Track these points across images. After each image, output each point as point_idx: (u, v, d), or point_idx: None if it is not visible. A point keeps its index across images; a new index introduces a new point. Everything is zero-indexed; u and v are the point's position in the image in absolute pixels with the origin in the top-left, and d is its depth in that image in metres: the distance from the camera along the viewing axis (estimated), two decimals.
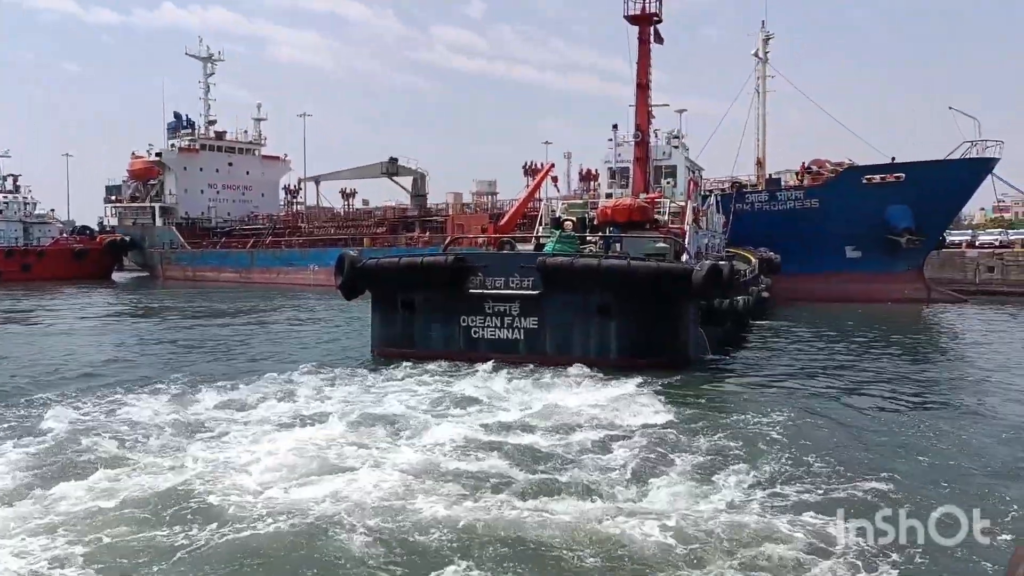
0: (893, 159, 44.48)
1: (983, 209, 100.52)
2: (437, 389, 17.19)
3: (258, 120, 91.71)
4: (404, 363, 20.17)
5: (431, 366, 19.81)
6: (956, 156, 42.99)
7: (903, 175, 43.37)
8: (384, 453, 12.22)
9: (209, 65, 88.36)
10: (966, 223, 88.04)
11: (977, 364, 23.44)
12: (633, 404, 15.71)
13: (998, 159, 42.78)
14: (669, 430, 13.79)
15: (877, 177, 44.06)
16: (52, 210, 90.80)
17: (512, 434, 13.32)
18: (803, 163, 48.35)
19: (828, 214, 44.23)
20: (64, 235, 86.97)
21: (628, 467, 11.50)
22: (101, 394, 16.62)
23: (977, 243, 60.63)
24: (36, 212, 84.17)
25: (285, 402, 15.92)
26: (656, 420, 14.46)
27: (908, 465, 11.67)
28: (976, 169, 42.93)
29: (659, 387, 17.35)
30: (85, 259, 79.62)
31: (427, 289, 21.31)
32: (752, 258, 37.29)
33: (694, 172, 33.10)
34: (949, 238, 58.49)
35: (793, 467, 11.53)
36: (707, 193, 39.88)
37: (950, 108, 44.85)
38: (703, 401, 16.44)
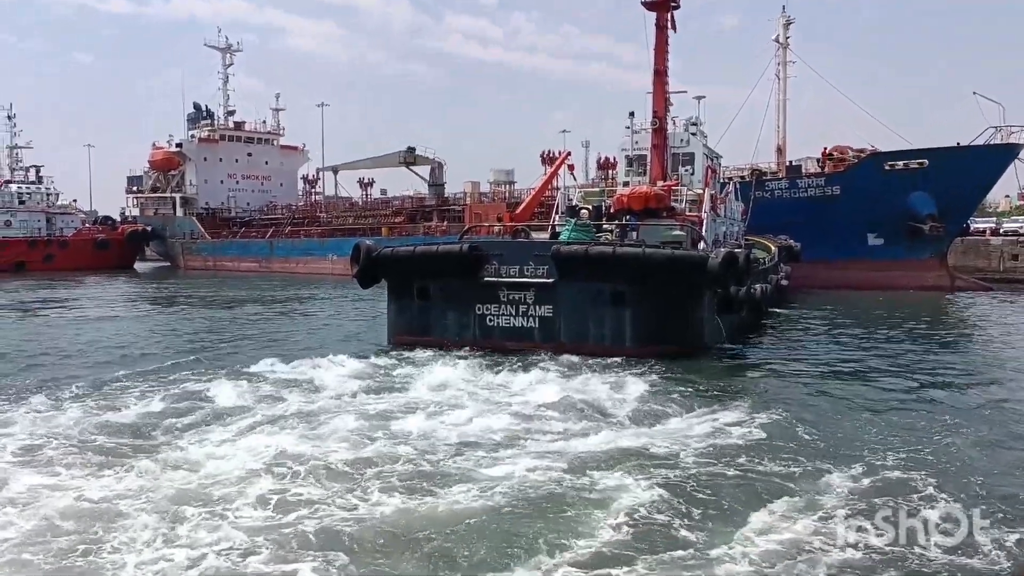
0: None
1: (1008, 196, 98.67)
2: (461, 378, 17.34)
3: (276, 110, 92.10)
4: (420, 351, 20.27)
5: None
6: (980, 142, 42.35)
7: (926, 161, 42.76)
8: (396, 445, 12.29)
9: (228, 56, 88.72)
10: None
11: (997, 355, 23.04)
12: (637, 387, 15.88)
13: (1023, 145, 42.10)
14: (668, 414, 13.94)
15: (900, 163, 43.48)
16: (74, 201, 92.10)
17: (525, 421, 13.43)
18: (824, 149, 47.78)
19: (850, 201, 43.68)
20: (86, 225, 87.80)
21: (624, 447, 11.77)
22: (127, 383, 16.91)
23: (1001, 231, 59.72)
24: (59, 203, 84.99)
25: (303, 390, 16.05)
26: (657, 404, 14.63)
27: (914, 463, 11.24)
28: (1001, 155, 42.23)
29: (669, 374, 17.30)
30: (107, 249, 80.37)
31: (442, 277, 21.33)
32: (771, 246, 36.97)
33: (712, 159, 32.75)
34: (973, 225, 57.72)
35: (794, 462, 11.27)
36: (725, 181, 39.52)
37: (974, 93, 44.14)
38: (709, 389, 16.26)
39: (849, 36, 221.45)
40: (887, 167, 43.67)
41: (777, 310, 31.55)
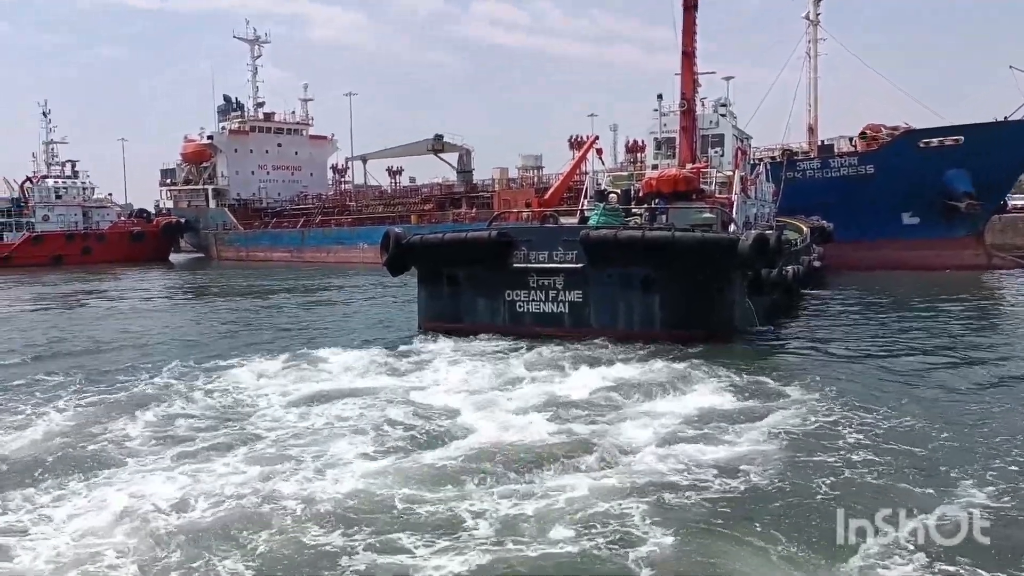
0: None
1: None
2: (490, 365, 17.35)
3: (305, 100, 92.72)
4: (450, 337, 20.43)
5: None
6: (1018, 116, 41.43)
7: (962, 138, 41.99)
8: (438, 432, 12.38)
9: (256, 47, 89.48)
10: None
11: None
12: (664, 375, 15.71)
13: None
14: (691, 402, 13.72)
15: (935, 141, 42.77)
16: (110, 194, 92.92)
17: (562, 408, 13.39)
18: (862, 129, 47.09)
19: (884, 180, 43.08)
20: (122, 219, 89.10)
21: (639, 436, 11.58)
22: (171, 371, 17.18)
23: None
24: (94, 197, 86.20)
25: (338, 376, 16.33)
26: (683, 391, 14.50)
27: (929, 459, 10.67)
28: None
29: (695, 358, 17.07)
30: (143, 242, 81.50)
31: (471, 264, 21.39)
32: (803, 227, 36.63)
33: (742, 141, 32.41)
34: (1011, 202, 56.62)
35: (802, 455, 10.78)
36: (756, 162, 39.12)
37: (1011, 68, 43.13)
38: (732, 374, 15.68)
39: (881, 12, 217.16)
40: (922, 144, 42.97)
41: (810, 292, 31.27)
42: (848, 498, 9.18)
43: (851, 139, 47.42)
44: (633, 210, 24.31)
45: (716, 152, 29.95)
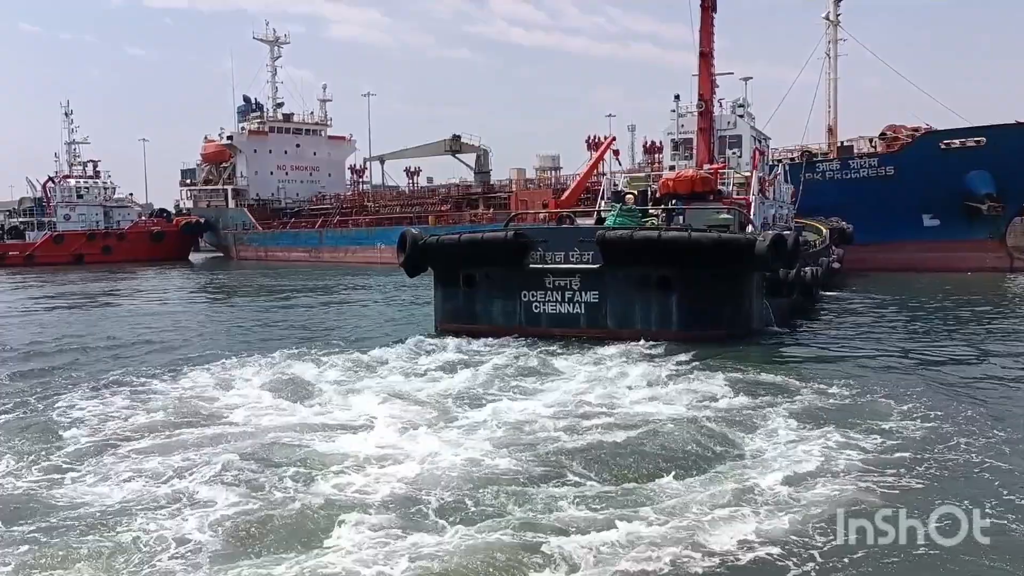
0: None
1: None
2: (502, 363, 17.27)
3: (323, 101, 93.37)
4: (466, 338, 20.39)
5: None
6: None
7: (983, 139, 41.56)
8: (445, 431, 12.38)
9: (276, 48, 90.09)
10: None
11: None
12: (677, 377, 15.48)
13: None
14: (705, 404, 13.45)
15: (956, 142, 42.36)
16: (131, 194, 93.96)
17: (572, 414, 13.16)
18: (883, 130, 46.73)
19: (904, 182, 42.71)
20: (143, 218, 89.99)
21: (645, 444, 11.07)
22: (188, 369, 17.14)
23: None
24: (115, 196, 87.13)
25: (351, 376, 16.22)
26: (699, 393, 14.19)
27: (941, 462, 10.33)
28: None
29: (714, 359, 16.90)
30: (163, 241, 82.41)
31: (488, 265, 21.39)
32: (823, 228, 36.47)
33: (760, 141, 32.26)
34: None
35: (811, 456, 10.53)
36: (774, 163, 38.93)
37: None
38: (746, 375, 15.45)
39: (901, 12, 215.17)
40: (943, 146, 42.59)
41: (829, 293, 31.07)
42: None
43: (871, 140, 47.10)
44: (650, 211, 24.27)
45: (734, 153, 29.83)
